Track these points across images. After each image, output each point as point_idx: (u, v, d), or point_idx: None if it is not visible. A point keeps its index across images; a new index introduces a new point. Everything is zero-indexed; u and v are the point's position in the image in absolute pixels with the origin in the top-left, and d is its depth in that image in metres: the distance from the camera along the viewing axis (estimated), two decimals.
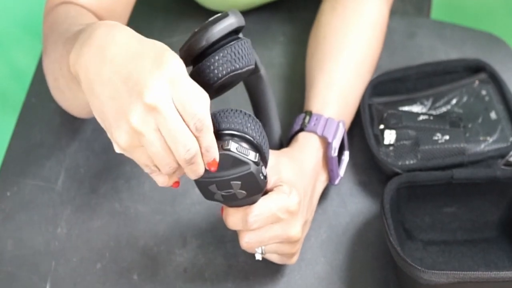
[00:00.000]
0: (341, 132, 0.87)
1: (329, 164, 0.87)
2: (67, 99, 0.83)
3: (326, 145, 0.86)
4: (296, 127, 0.87)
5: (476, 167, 0.88)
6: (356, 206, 0.91)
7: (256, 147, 0.72)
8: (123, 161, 0.93)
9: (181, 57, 0.73)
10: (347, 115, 0.91)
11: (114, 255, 0.87)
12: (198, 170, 0.68)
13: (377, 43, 0.95)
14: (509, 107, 0.92)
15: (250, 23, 1.05)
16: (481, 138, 0.90)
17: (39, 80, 0.99)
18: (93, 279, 0.85)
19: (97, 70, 0.66)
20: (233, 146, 0.70)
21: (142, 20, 1.07)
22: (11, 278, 0.85)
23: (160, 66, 0.64)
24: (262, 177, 0.72)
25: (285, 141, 0.90)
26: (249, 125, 0.72)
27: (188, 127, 0.66)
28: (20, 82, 1.72)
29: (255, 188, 0.73)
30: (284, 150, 0.84)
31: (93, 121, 0.96)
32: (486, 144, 0.90)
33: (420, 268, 0.77)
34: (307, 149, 0.85)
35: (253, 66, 0.74)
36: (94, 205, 0.90)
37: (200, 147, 0.67)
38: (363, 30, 0.94)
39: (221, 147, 0.70)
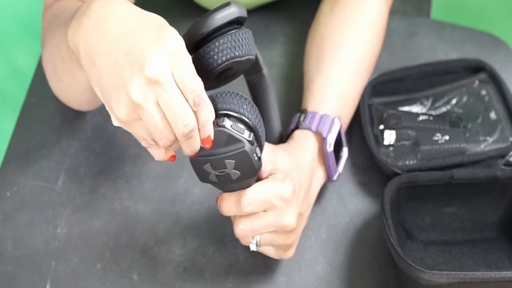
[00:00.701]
0: (336, 127, 0.87)
1: (326, 160, 0.87)
2: (66, 86, 0.83)
3: (322, 141, 0.87)
4: (292, 125, 0.88)
5: (476, 167, 0.88)
6: (356, 206, 0.91)
7: (251, 128, 0.73)
8: (123, 161, 0.93)
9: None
10: (345, 114, 0.91)
11: (114, 255, 0.87)
12: (194, 145, 0.69)
13: (376, 43, 0.95)
14: (509, 107, 0.92)
15: (250, 23, 1.05)
16: (481, 138, 0.90)
17: (39, 80, 0.99)
18: (93, 279, 0.85)
19: (96, 41, 0.66)
20: (227, 123, 0.71)
21: None
22: (11, 278, 0.85)
23: (161, 40, 0.65)
24: (256, 158, 0.73)
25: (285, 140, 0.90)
26: (245, 106, 0.72)
27: (187, 101, 0.66)
28: (20, 82, 1.72)
29: (249, 168, 0.73)
30: (281, 145, 0.85)
31: (93, 121, 0.96)
32: (486, 144, 0.90)
33: (420, 268, 0.77)
34: (302, 146, 0.85)
35: (253, 57, 0.74)
36: (94, 205, 0.90)
37: (197, 122, 0.68)
38: (362, 30, 0.94)
39: (216, 124, 0.70)
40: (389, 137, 0.92)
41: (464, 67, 0.97)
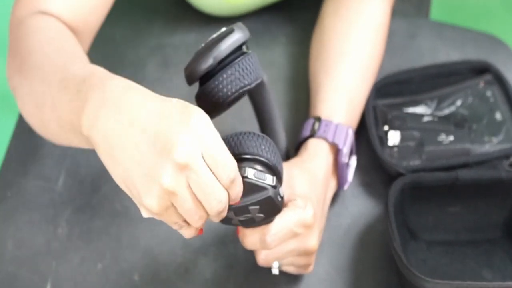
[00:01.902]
0: (350, 138, 0.87)
1: (339, 171, 0.87)
2: (52, 135, 0.77)
3: (336, 151, 0.86)
4: (306, 133, 0.87)
5: (481, 168, 0.88)
6: (358, 208, 0.91)
7: (272, 169, 0.71)
8: None
9: (187, 76, 0.72)
10: (354, 120, 0.91)
11: (115, 255, 0.87)
12: (224, 214, 0.67)
13: (380, 46, 0.95)
14: None
15: (251, 24, 1.05)
16: (486, 139, 0.90)
17: None
18: (93, 280, 0.85)
19: (119, 134, 0.63)
20: (250, 172, 0.69)
21: (142, 20, 1.07)
22: (12, 278, 0.85)
23: (187, 122, 0.62)
24: (279, 199, 0.72)
25: (291, 149, 0.90)
26: (263, 147, 0.70)
27: (217, 178, 0.64)
28: None
29: (273, 210, 0.73)
30: (294, 160, 0.84)
31: None
32: (491, 145, 0.90)
33: (424, 277, 0.77)
34: (317, 157, 0.85)
35: (261, 80, 0.73)
36: (94, 205, 0.90)
37: (229, 195, 0.66)
38: (367, 33, 0.94)
39: None
40: (394, 138, 0.92)
41: (469, 69, 0.97)
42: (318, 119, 0.87)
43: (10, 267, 0.86)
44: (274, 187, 0.70)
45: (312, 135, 0.86)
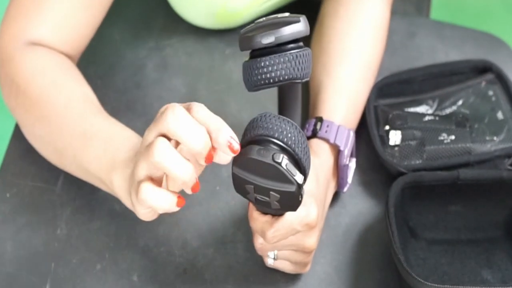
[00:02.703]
0: (352, 140, 0.87)
1: (340, 172, 0.87)
2: (73, 173, 0.86)
3: (337, 152, 0.86)
4: (308, 133, 0.87)
5: (482, 167, 0.88)
6: (357, 207, 0.91)
7: (303, 171, 0.70)
8: None
9: (242, 40, 0.72)
10: (355, 120, 0.91)
11: (114, 256, 0.87)
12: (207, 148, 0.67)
13: (380, 46, 0.95)
14: None
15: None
16: (488, 138, 0.90)
17: None
18: (92, 280, 0.85)
19: None
20: (284, 161, 0.68)
21: (142, 20, 1.07)
22: (11, 279, 0.85)
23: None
24: (300, 198, 0.71)
25: None
26: (305, 148, 0.70)
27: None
28: None
29: (291, 206, 0.72)
30: None
31: None
32: (493, 144, 0.90)
33: (423, 281, 0.77)
34: (320, 157, 0.85)
35: (308, 78, 0.73)
36: (93, 206, 0.90)
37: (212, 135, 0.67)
38: (367, 33, 0.93)
39: (271, 157, 0.68)
40: (395, 137, 0.92)
41: (471, 68, 0.97)
42: (320, 119, 0.87)
43: (9, 268, 0.86)
44: (300, 186, 0.70)
45: (314, 135, 0.86)
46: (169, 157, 0.66)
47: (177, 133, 0.66)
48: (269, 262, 0.82)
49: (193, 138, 0.66)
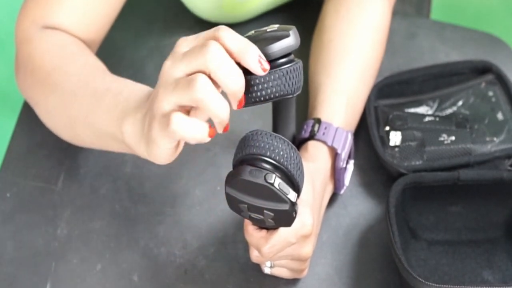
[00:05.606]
0: (349, 143, 0.87)
1: (337, 175, 0.86)
2: (89, 143, 0.84)
3: (334, 155, 0.86)
4: (305, 134, 0.87)
5: (483, 168, 0.88)
6: (357, 208, 0.91)
7: (296, 188, 0.71)
8: (123, 162, 0.93)
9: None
10: (353, 122, 0.90)
11: (114, 256, 0.87)
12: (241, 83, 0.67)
13: (380, 47, 0.95)
14: None
15: (251, 24, 1.05)
16: (488, 139, 0.90)
17: None
18: (93, 280, 0.85)
19: None
20: (277, 181, 0.69)
21: (142, 20, 1.07)
22: (11, 279, 0.85)
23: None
24: (294, 215, 0.72)
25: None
26: (297, 164, 0.70)
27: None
28: None
29: (285, 223, 0.73)
30: None
31: None
32: (493, 145, 0.90)
33: (424, 281, 0.77)
34: (317, 160, 0.84)
35: (299, 92, 0.73)
36: (94, 206, 0.90)
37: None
38: (367, 34, 0.93)
39: (264, 178, 0.69)
40: (395, 138, 0.92)
41: (471, 69, 0.97)
42: (318, 121, 0.87)
43: (9, 268, 0.86)
44: (293, 204, 0.71)
45: (312, 137, 0.86)
46: (212, 94, 0.65)
47: (217, 73, 0.65)
48: (266, 270, 0.83)
49: (233, 79, 0.66)
